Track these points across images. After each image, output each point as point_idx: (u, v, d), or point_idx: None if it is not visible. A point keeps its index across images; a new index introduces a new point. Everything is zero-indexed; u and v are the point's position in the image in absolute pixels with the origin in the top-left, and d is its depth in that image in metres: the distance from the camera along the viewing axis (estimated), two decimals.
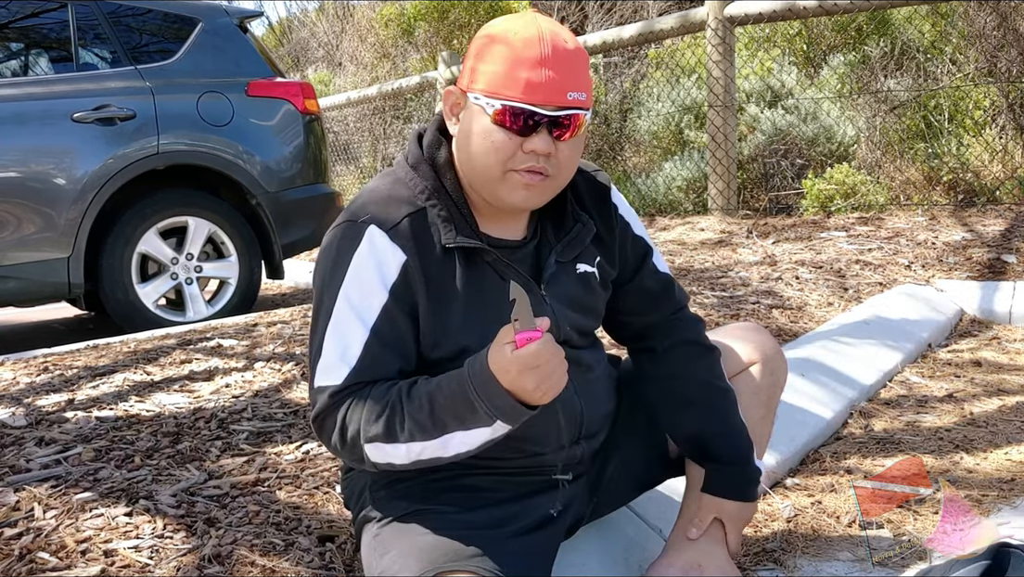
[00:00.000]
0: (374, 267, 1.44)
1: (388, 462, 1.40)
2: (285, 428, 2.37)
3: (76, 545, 1.72)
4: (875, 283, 4.09)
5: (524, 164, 1.42)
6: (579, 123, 1.43)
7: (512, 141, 1.41)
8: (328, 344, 1.45)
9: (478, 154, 1.44)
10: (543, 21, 1.43)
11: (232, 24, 4.99)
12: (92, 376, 2.98)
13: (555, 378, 1.30)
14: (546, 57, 1.38)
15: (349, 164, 10.84)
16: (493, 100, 1.40)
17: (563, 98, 1.39)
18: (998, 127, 5.98)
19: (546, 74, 1.38)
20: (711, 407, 1.69)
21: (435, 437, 1.36)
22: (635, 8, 10.94)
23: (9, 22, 4.56)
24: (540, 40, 1.38)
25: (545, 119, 1.39)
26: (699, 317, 1.77)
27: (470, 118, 1.45)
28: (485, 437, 1.36)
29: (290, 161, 4.94)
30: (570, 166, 1.48)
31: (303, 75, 14.50)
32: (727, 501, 1.69)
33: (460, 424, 1.34)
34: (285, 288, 6.57)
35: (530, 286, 1.53)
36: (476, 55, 1.45)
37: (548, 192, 1.48)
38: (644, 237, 1.73)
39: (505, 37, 1.41)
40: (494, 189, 1.46)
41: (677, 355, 1.71)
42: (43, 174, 4.25)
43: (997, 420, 2.75)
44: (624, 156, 7.73)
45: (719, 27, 5.54)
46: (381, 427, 1.37)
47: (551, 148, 1.41)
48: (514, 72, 1.38)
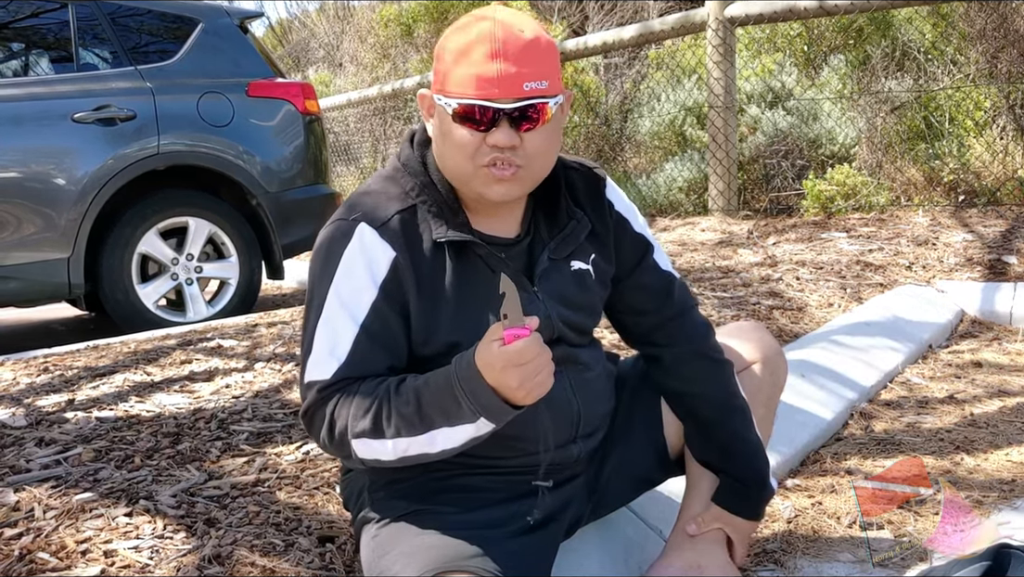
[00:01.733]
0: (364, 264, 1.45)
1: (375, 458, 1.40)
2: (285, 429, 2.37)
3: (76, 545, 1.72)
4: (876, 284, 4.09)
5: (488, 158, 1.42)
6: (544, 112, 1.42)
7: (475, 137, 1.41)
8: (318, 340, 1.45)
9: (448, 153, 1.46)
10: (501, 13, 1.43)
11: (232, 24, 4.99)
12: (92, 376, 2.98)
13: (540, 378, 1.30)
14: (497, 51, 1.38)
15: (349, 165, 10.84)
16: (451, 99, 1.41)
17: (519, 89, 1.39)
18: (999, 128, 5.98)
19: (498, 67, 1.38)
20: (730, 428, 1.70)
21: (421, 433, 1.36)
22: (636, 9, 10.95)
23: (9, 22, 4.56)
24: (492, 35, 1.39)
25: (503, 113, 1.39)
26: (707, 323, 1.74)
27: (439, 119, 1.47)
28: (470, 435, 1.35)
29: (290, 161, 4.94)
30: (544, 154, 1.46)
31: (303, 76, 14.50)
32: (737, 517, 1.71)
33: (445, 420, 1.34)
34: (285, 288, 6.57)
35: (522, 282, 1.53)
36: (437, 56, 1.47)
37: (525, 183, 1.48)
38: (644, 234, 1.71)
39: (460, 35, 1.43)
40: (471, 185, 1.47)
41: (690, 370, 1.70)
42: (43, 174, 4.25)
43: (998, 421, 2.75)
44: (625, 157, 7.72)
45: (719, 28, 5.54)
46: (368, 422, 1.37)
47: (514, 140, 1.41)
48: (468, 69, 1.39)
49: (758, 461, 1.71)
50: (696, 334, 1.71)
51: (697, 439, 1.73)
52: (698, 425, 1.72)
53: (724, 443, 1.70)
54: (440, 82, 1.45)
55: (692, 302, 1.75)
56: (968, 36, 6.36)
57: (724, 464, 1.72)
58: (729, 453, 1.71)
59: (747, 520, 1.73)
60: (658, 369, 1.74)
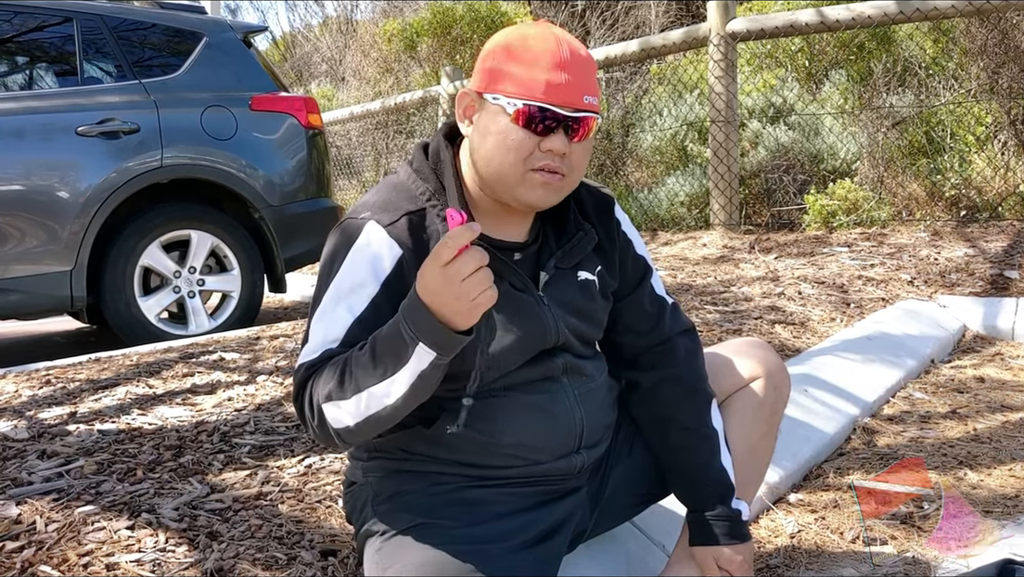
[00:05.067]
0: (369, 259, 1.46)
1: (344, 425, 1.37)
2: (287, 442, 2.37)
3: (78, 559, 1.72)
4: (878, 299, 4.09)
5: (541, 162, 1.44)
6: (591, 126, 1.46)
7: (531, 140, 1.43)
8: (314, 330, 1.47)
9: (496, 153, 1.46)
10: (557, 29, 1.47)
11: (236, 39, 5.01)
12: (94, 389, 2.98)
13: (481, 295, 1.26)
14: (565, 61, 1.42)
15: (352, 179, 10.86)
16: (514, 100, 1.42)
17: (580, 101, 1.43)
18: (1000, 143, 5.99)
19: (565, 77, 1.41)
20: (695, 456, 1.68)
21: (377, 381, 1.32)
22: (637, 24, 11.00)
23: (14, 36, 4.58)
24: (559, 45, 1.43)
25: (562, 120, 1.42)
26: (695, 349, 1.73)
27: (487, 119, 1.47)
28: (417, 369, 1.31)
29: (293, 175, 4.95)
30: (581, 168, 1.51)
31: (306, 90, 14.55)
32: (715, 548, 1.66)
33: (396, 360, 1.31)
34: (287, 302, 6.57)
35: (528, 287, 1.54)
36: (493, 57, 1.47)
37: (563, 191, 1.50)
38: (646, 257, 1.74)
39: (524, 42, 1.45)
40: (512, 188, 1.47)
41: (666, 394, 1.69)
42: (47, 187, 4.26)
43: (1001, 436, 2.75)
44: (626, 171, 7.74)
45: (721, 43, 5.56)
46: (334, 382, 1.36)
47: (567, 148, 1.44)
48: (535, 73, 1.41)
49: (716, 485, 1.67)
50: (678, 360, 1.71)
51: (666, 468, 1.72)
52: (667, 452, 1.71)
53: (687, 470, 1.69)
54: (494, 81, 1.45)
55: (682, 326, 1.74)
56: (969, 52, 6.38)
57: (686, 491, 1.70)
58: (692, 480, 1.69)
59: (727, 547, 1.66)
60: (636, 395, 1.74)
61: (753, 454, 1.76)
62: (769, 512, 2.27)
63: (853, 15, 5.14)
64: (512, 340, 1.51)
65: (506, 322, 1.50)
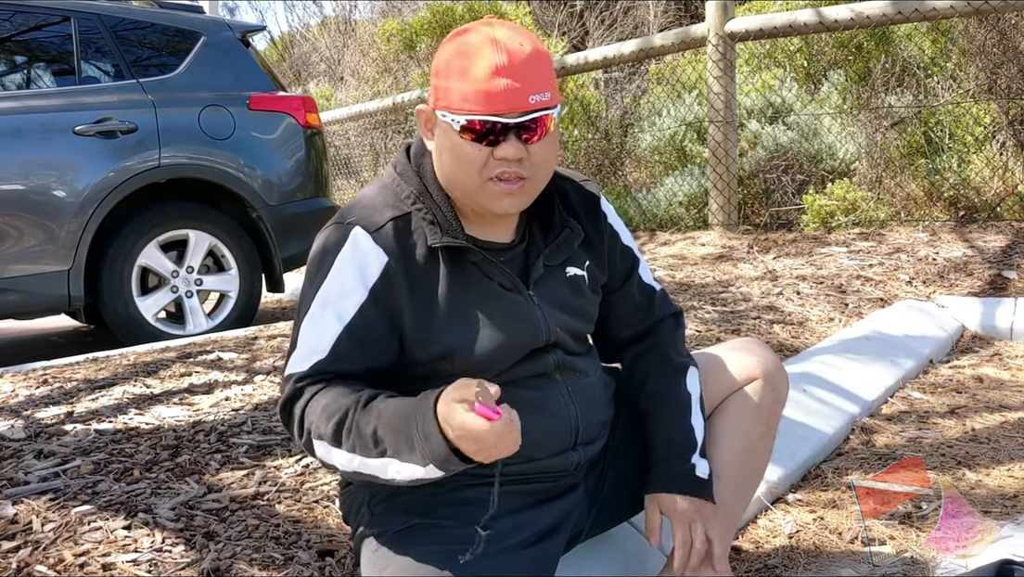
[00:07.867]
0: (356, 267, 1.46)
1: (331, 464, 1.41)
2: (285, 442, 2.36)
3: (74, 559, 1.72)
4: (876, 299, 4.09)
5: (497, 171, 1.43)
6: (547, 124, 1.44)
7: (482, 152, 1.42)
8: (302, 337, 1.48)
9: (453, 167, 1.47)
10: (498, 28, 1.43)
11: (234, 38, 5.00)
12: (91, 389, 2.98)
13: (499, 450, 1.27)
14: (502, 66, 1.38)
15: (350, 178, 10.86)
16: (457, 116, 1.41)
17: (525, 103, 1.40)
18: (998, 143, 5.99)
19: (504, 83, 1.38)
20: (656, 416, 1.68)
21: (374, 457, 1.35)
22: (636, 24, 11.00)
23: (12, 35, 4.57)
24: (495, 50, 1.39)
25: (510, 126, 1.41)
26: (676, 325, 1.75)
27: (441, 135, 1.47)
28: (419, 475, 1.33)
29: (291, 175, 4.95)
30: (546, 164, 1.48)
31: (305, 89, 14.55)
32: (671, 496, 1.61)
33: (397, 453, 1.33)
34: (285, 301, 6.57)
35: (517, 287, 1.54)
36: (436, 72, 1.47)
37: (530, 193, 1.50)
38: (632, 247, 1.75)
39: (461, 51, 1.42)
40: (477, 199, 1.48)
41: (639, 365, 1.72)
42: (44, 187, 4.25)
43: (999, 436, 2.74)
44: (625, 171, 7.74)
45: (719, 43, 5.56)
46: (331, 429, 1.37)
47: (522, 153, 1.42)
48: (473, 85, 1.40)
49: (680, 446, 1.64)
50: (660, 336, 1.73)
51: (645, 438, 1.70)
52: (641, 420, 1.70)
53: (652, 432, 1.67)
54: (442, 98, 1.45)
55: (671, 310, 1.77)
56: (968, 52, 6.38)
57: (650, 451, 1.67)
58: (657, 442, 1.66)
59: (682, 497, 1.61)
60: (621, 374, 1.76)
61: (751, 454, 1.75)
62: (767, 512, 2.26)
63: (852, 15, 5.13)
64: (503, 340, 1.51)
65: (497, 323, 1.51)
